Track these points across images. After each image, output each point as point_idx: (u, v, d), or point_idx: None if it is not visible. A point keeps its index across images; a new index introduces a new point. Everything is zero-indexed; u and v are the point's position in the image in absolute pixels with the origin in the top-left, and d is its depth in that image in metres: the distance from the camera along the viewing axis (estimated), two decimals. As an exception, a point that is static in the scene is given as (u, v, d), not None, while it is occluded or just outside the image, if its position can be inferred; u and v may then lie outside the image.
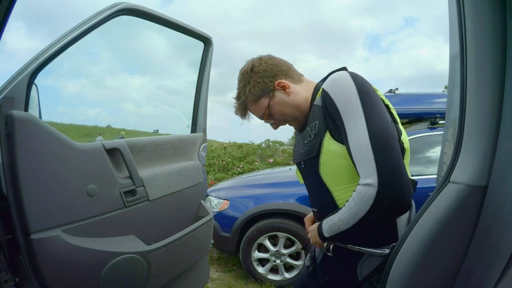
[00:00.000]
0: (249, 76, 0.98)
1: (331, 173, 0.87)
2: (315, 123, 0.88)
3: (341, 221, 0.81)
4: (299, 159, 0.98)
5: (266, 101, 0.98)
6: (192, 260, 1.61)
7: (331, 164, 0.86)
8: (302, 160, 0.95)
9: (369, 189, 0.74)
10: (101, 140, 1.32)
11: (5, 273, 1.00)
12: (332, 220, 0.84)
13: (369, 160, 0.74)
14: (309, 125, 0.91)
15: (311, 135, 0.89)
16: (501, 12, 0.63)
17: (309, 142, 0.90)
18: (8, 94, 1.02)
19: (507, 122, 0.64)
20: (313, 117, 0.90)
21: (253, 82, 0.97)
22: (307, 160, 0.92)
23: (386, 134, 0.76)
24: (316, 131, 0.87)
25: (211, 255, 3.41)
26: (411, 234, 0.79)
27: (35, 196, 1.01)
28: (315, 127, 0.88)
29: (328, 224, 0.86)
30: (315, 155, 0.87)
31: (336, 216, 0.83)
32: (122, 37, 1.70)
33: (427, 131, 3.00)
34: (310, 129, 0.90)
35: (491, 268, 0.64)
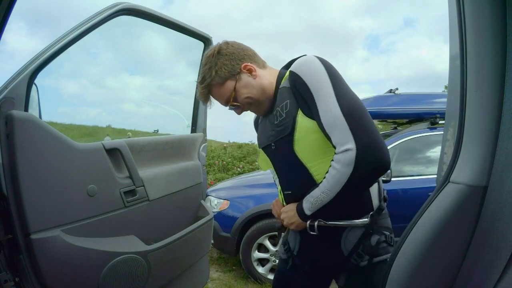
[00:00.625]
0: (216, 59, 0.96)
1: (306, 149, 0.89)
2: (286, 102, 0.91)
3: (324, 193, 0.83)
4: (268, 141, 0.98)
5: (232, 84, 0.96)
6: (192, 260, 1.61)
7: (305, 140, 0.88)
8: (272, 142, 0.96)
9: (349, 153, 0.78)
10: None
11: (5, 273, 1.00)
12: (314, 195, 0.86)
13: (344, 129, 0.79)
14: (278, 106, 0.93)
15: (282, 114, 0.91)
16: (501, 12, 0.63)
17: (281, 121, 0.91)
18: (8, 94, 1.02)
19: (507, 122, 0.64)
20: (282, 98, 0.93)
21: (220, 64, 0.96)
22: (280, 140, 0.93)
23: (356, 104, 0.82)
24: (287, 109, 0.90)
25: (211, 255, 3.41)
26: (411, 234, 0.79)
27: (35, 196, 1.01)
28: (286, 106, 0.90)
29: (309, 201, 0.87)
30: (289, 132, 0.89)
31: (317, 190, 0.85)
32: (122, 37, 1.70)
33: (427, 131, 3.00)
34: (281, 109, 0.92)
35: (491, 268, 0.64)
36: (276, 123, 0.93)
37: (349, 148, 0.78)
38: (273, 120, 0.95)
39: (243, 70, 0.97)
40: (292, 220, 0.92)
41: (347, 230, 0.91)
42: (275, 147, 0.96)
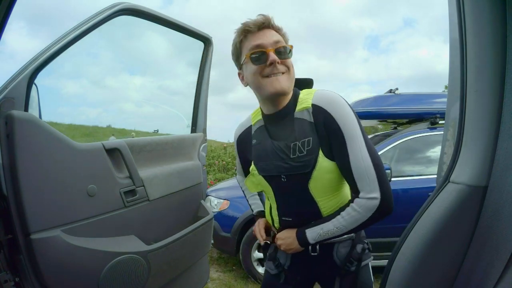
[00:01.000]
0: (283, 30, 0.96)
1: (319, 186, 0.93)
2: (308, 139, 0.90)
3: (338, 228, 0.91)
4: (278, 172, 0.95)
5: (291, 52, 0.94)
6: (192, 260, 1.61)
7: (321, 178, 0.91)
8: (283, 174, 0.94)
9: (374, 201, 0.86)
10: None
11: (5, 273, 1.00)
12: (325, 228, 0.92)
13: (373, 180, 0.86)
14: (298, 140, 0.91)
15: (302, 151, 0.90)
16: (501, 12, 0.63)
17: (301, 157, 0.90)
18: (8, 94, 1.02)
19: (507, 122, 0.64)
20: (303, 132, 0.91)
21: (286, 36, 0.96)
22: (295, 175, 0.92)
23: (379, 158, 0.89)
24: (310, 147, 0.90)
25: (211, 255, 3.41)
26: (411, 234, 0.79)
27: (35, 196, 1.01)
28: (308, 143, 0.90)
29: (317, 232, 0.93)
30: (309, 171, 0.90)
31: (330, 224, 0.91)
32: (122, 37, 1.70)
33: (427, 131, 3.00)
34: (301, 145, 0.90)
35: (491, 268, 0.64)
36: (293, 158, 0.91)
37: (375, 197, 0.86)
38: (287, 152, 0.92)
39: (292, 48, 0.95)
40: (291, 247, 0.97)
41: (337, 245, 1.01)
42: (286, 180, 0.95)
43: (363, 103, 3.50)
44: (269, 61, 0.89)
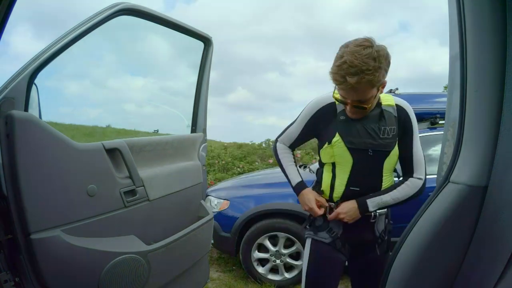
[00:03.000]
0: (386, 63, 1.02)
1: (388, 164, 1.19)
2: (393, 127, 1.17)
3: (393, 199, 1.19)
4: (366, 146, 1.16)
5: (375, 91, 1.07)
6: (192, 260, 1.61)
7: (392, 158, 1.19)
8: (371, 149, 1.16)
9: (420, 181, 1.21)
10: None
11: (5, 273, 1.00)
12: (384, 199, 1.18)
13: (423, 165, 1.23)
14: (387, 126, 1.16)
15: (389, 134, 1.16)
16: (501, 12, 0.63)
17: (387, 139, 1.16)
18: (8, 94, 1.02)
19: (507, 122, 0.64)
20: (390, 121, 1.17)
21: (384, 71, 1.02)
22: (379, 151, 1.16)
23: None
24: (394, 133, 1.17)
25: (211, 255, 3.41)
26: (411, 234, 0.79)
27: (35, 196, 1.01)
28: (394, 130, 1.17)
29: (376, 202, 1.18)
30: (390, 149, 1.16)
31: (387, 196, 1.18)
32: (123, 37, 1.70)
33: (427, 131, 2.99)
34: (390, 130, 1.16)
35: (491, 268, 0.64)
36: (382, 137, 1.15)
37: (421, 178, 1.22)
38: (377, 132, 1.15)
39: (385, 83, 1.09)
40: (354, 216, 1.18)
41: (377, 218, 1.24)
42: (372, 153, 1.16)
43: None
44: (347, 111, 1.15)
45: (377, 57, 0.98)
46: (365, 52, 0.98)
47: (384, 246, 1.27)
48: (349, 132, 1.17)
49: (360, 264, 1.30)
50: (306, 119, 1.26)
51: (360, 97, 1.05)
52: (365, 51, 0.98)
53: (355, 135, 1.16)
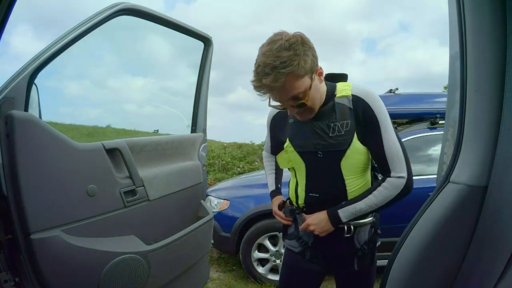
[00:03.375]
0: (303, 48, 0.89)
1: (349, 165, 1.03)
2: (347, 122, 1.00)
3: (369, 206, 1.02)
4: (315, 148, 1.04)
5: (308, 82, 0.93)
6: (192, 260, 1.61)
7: (352, 158, 1.02)
8: (320, 151, 1.04)
9: (401, 180, 1.00)
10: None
11: (5, 273, 1.00)
12: (357, 207, 1.02)
13: (402, 161, 1.00)
14: (338, 121, 1.01)
15: (341, 131, 1.01)
16: (501, 12, 0.63)
17: (339, 136, 1.01)
18: (8, 94, 1.02)
19: (507, 122, 0.64)
20: (342, 115, 1.01)
21: (306, 56, 0.90)
22: (330, 152, 1.03)
23: (403, 144, 1.02)
24: (348, 129, 1.01)
25: (211, 255, 3.41)
26: (411, 234, 0.79)
27: (35, 196, 1.01)
28: (347, 125, 1.01)
29: (350, 212, 1.02)
30: (344, 149, 1.01)
31: (362, 204, 1.02)
32: (123, 38, 1.70)
33: (427, 131, 2.99)
34: (341, 126, 1.01)
35: (491, 268, 0.64)
36: (331, 136, 1.02)
37: (403, 176, 1.00)
38: (326, 131, 1.02)
39: (317, 71, 0.96)
40: (325, 229, 1.05)
41: (359, 228, 1.10)
42: (322, 156, 1.04)
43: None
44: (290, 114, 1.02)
45: (290, 46, 0.87)
46: (275, 46, 0.87)
47: (367, 260, 1.13)
48: (297, 134, 1.08)
49: (341, 277, 1.20)
50: (268, 129, 1.24)
51: (290, 93, 0.92)
52: (275, 46, 0.88)
53: (303, 137, 1.06)
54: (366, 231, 1.12)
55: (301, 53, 0.89)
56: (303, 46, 0.90)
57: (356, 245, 1.11)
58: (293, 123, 1.09)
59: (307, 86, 0.93)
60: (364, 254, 1.12)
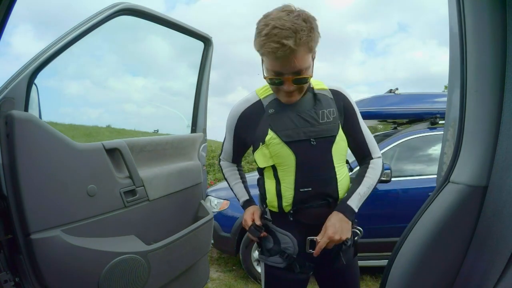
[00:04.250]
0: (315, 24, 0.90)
1: (337, 151, 1.04)
2: (332, 109, 1.04)
3: (368, 187, 1.06)
4: (306, 136, 1.00)
5: (310, 60, 0.94)
6: (192, 260, 1.61)
7: (339, 143, 1.04)
8: (313, 138, 1.00)
9: (380, 160, 1.13)
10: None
11: (5, 273, 1.00)
12: (361, 192, 1.04)
13: (375, 144, 1.14)
14: (325, 109, 1.03)
15: (329, 117, 1.03)
16: (501, 12, 0.63)
17: (329, 123, 1.02)
18: (8, 94, 1.02)
19: (507, 122, 0.64)
20: (327, 103, 1.04)
21: (316, 32, 0.90)
22: (322, 138, 1.01)
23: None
24: (335, 116, 1.04)
25: (211, 255, 3.41)
26: (411, 234, 0.79)
27: (35, 196, 1.01)
28: (333, 112, 1.04)
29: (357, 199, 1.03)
30: (335, 134, 1.03)
31: (362, 187, 1.05)
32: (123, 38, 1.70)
33: (427, 131, 3.00)
34: (328, 113, 1.03)
35: (491, 268, 0.64)
36: (321, 122, 1.01)
37: (380, 156, 1.14)
38: (315, 117, 1.01)
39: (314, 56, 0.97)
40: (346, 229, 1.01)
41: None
42: (316, 143, 1.01)
43: (363, 103, 3.50)
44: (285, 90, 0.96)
45: (306, 18, 0.87)
46: (294, 15, 0.86)
47: (351, 252, 1.12)
48: (283, 124, 1.01)
49: (326, 275, 1.15)
50: (232, 132, 1.12)
51: (299, 65, 0.89)
52: (293, 14, 0.86)
53: (291, 126, 1.00)
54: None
55: (315, 28, 0.90)
56: (314, 21, 0.90)
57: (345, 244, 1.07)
58: (274, 113, 1.02)
59: (310, 64, 0.94)
60: (348, 247, 1.08)
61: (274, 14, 0.88)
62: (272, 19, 0.86)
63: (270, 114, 1.03)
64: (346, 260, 1.07)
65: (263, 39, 0.86)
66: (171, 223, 1.52)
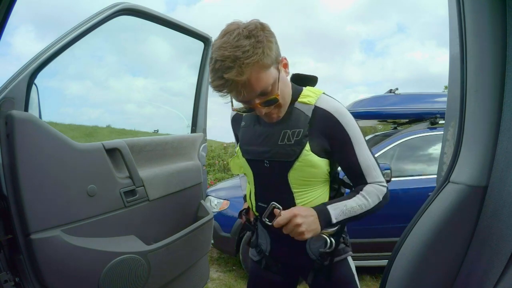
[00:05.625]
0: (264, 34, 0.78)
1: (298, 178, 0.92)
2: (299, 130, 0.89)
3: (359, 206, 0.90)
4: (262, 157, 0.95)
5: (275, 73, 0.82)
6: (192, 260, 1.61)
7: (302, 170, 0.91)
8: (267, 160, 0.94)
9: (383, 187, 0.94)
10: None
11: (5, 273, 1.00)
12: (348, 205, 0.89)
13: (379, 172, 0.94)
14: (289, 129, 0.90)
15: (291, 140, 0.90)
16: (501, 12, 0.63)
17: (287, 146, 0.90)
18: (8, 94, 1.02)
19: (507, 122, 0.64)
20: (296, 122, 0.90)
21: (267, 42, 0.78)
22: (277, 162, 0.93)
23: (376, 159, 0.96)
24: (298, 138, 0.89)
25: (211, 255, 3.41)
26: (411, 234, 0.79)
27: (35, 196, 1.01)
28: (298, 134, 0.89)
29: (339, 209, 0.88)
30: (292, 160, 0.90)
31: (352, 202, 0.90)
32: (123, 38, 1.70)
33: (427, 131, 3.00)
34: (292, 134, 0.90)
35: (491, 268, 0.64)
36: (280, 144, 0.91)
37: (384, 185, 0.94)
38: (275, 138, 0.92)
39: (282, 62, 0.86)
40: (312, 227, 0.85)
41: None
42: (269, 165, 0.94)
43: (362, 103, 3.50)
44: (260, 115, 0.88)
45: (249, 33, 0.76)
46: (233, 36, 0.76)
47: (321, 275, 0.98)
48: (246, 140, 1.00)
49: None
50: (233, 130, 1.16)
51: (258, 88, 0.79)
52: (232, 36, 0.76)
53: (251, 143, 0.97)
54: (321, 241, 0.96)
55: (264, 40, 0.77)
56: (263, 31, 0.78)
57: (310, 255, 0.98)
58: (244, 126, 1.02)
59: (275, 78, 0.81)
60: (322, 267, 0.97)
61: (217, 42, 0.79)
62: (214, 51, 0.78)
63: (242, 127, 1.03)
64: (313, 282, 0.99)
65: (211, 76, 0.79)
66: (171, 223, 1.52)
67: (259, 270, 1.10)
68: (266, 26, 0.80)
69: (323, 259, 0.97)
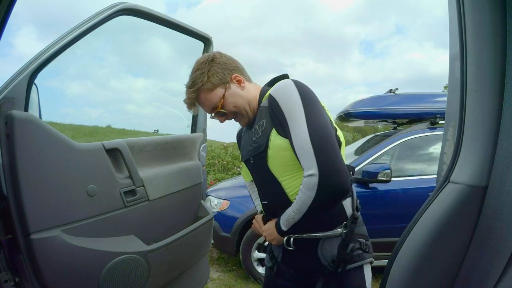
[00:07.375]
0: (209, 65, 1.03)
1: (278, 165, 0.96)
2: (263, 121, 0.98)
3: (294, 212, 0.90)
4: (247, 156, 1.07)
5: (221, 91, 1.03)
6: (192, 260, 1.61)
7: (277, 156, 0.95)
8: (250, 157, 1.05)
9: (312, 178, 0.84)
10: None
11: (5, 273, 1.00)
12: (287, 213, 0.92)
13: (310, 155, 0.84)
14: (256, 124, 1.01)
15: (259, 132, 0.99)
16: (501, 12, 0.63)
17: (257, 138, 1.00)
18: (8, 94, 1.02)
19: (507, 122, 0.64)
20: (260, 116, 1.01)
21: (212, 70, 1.03)
22: (256, 156, 1.01)
23: (324, 131, 0.87)
24: (263, 128, 0.98)
25: (211, 255, 3.41)
26: (411, 234, 0.79)
27: (35, 196, 1.01)
28: (262, 125, 0.98)
29: (284, 218, 0.94)
30: (263, 149, 0.97)
31: (290, 209, 0.92)
32: (123, 38, 1.70)
33: (427, 131, 3.00)
34: (258, 127, 1.00)
35: (491, 268, 0.64)
36: (254, 140, 1.02)
37: (312, 174, 0.84)
38: (252, 136, 1.04)
39: (233, 80, 1.05)
40: (272, 237, 0.99)
41: (322, 240, 0.96)
42: (253, 161, 1.04)
43: (362, 103, 3.50)
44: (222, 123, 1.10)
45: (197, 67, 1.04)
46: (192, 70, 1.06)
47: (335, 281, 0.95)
48: (241, 147, 1.17)
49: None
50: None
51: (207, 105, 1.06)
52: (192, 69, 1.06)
53: (243, 147, 1.13)
54: (334, 245, 0.95)
55: (206, 70, 1.02)
56: (209, 63, 1.03)
57: (322, 261, 0.96)
58: (242, 135, 1.17)
59: (220, 96, 1.03)
60: (332, 274, 0.95)
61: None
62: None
63: (241, 136, 1.19)
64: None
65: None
66: (171, 223, 1.52)
67: (272, 276, 1.12)
68: (217, 57, 1.05)
69: (335, 266, 0.94)
